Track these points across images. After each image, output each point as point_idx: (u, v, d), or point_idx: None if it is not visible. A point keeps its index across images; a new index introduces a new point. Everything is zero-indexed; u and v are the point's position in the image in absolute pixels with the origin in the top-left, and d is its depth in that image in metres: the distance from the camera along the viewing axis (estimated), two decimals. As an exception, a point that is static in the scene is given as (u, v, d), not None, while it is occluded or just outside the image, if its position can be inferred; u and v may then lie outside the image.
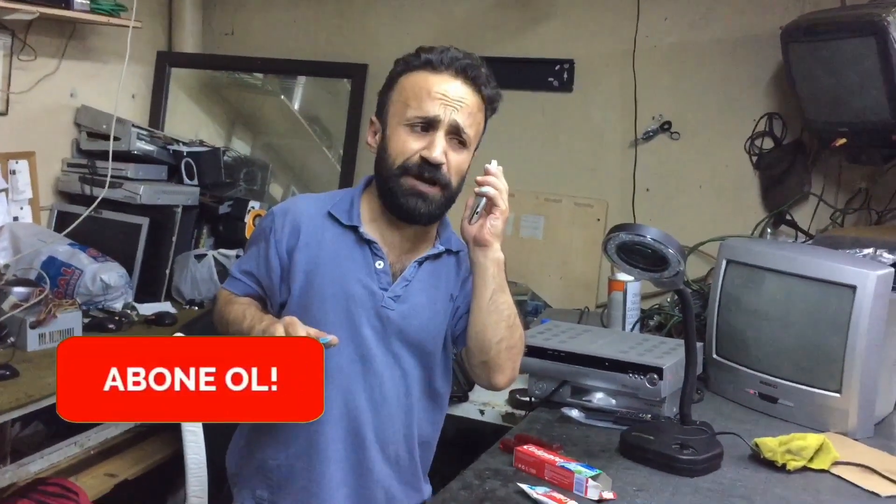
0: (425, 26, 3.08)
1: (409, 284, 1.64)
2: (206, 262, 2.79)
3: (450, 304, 1.69)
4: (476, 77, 1.61)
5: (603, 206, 2.96)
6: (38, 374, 2.03)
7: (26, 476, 2.08)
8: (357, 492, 1.64)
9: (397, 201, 1.60)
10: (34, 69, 2.76)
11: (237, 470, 1.75)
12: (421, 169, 1.57)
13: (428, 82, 1.59)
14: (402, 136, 1.59)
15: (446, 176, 1.59)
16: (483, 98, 1.63)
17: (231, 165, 3.17)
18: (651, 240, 1.58)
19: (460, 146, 1.60)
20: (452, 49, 1.62)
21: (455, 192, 1.63)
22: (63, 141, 2.94)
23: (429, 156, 1.56)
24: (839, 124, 2.38)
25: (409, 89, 1.60)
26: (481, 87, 1.62)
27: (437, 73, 1.59)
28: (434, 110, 1.56)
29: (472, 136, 1.62)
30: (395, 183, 1.59)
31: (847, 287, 1.86)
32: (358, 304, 1.61)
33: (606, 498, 1.51)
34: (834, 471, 1.68)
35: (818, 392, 1.92)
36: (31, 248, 2.58)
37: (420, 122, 1.58)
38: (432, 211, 1.61)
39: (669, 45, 2.82)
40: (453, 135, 1.58)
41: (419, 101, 1.58)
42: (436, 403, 1.73)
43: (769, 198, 2.73)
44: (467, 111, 1.59)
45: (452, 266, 1.71)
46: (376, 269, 1.63)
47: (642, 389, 1.89)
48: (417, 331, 1.64)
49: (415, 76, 1.61)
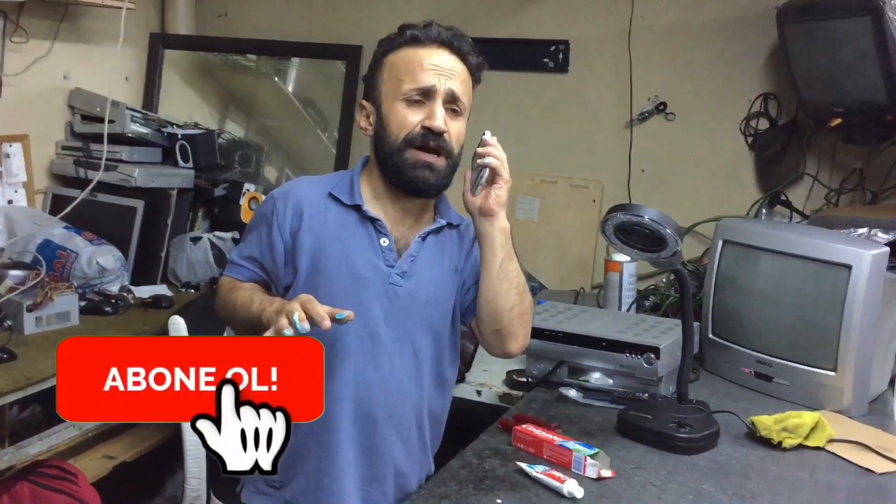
0: (419, 7, 3.06)
1: (415, 259, 1.64)
2: (201, 244, 2.78)
3: (455, 277, 1.69)
4: (461, 47, 1.62)
5: (598, 188, 2.96)
6: (35, 356, 2.03)
7: (25, 458, 2.08)
8: (368, 470, 1.65)
9: (405, 176, 1.60)
10: (27, 51, 2.74)
11: None
12: (425, 139, 1.58)
13: (418, 55, 1.59)
14: (401, 110, 1.59)
15: (450, 144, 1.59)
16: (470, 68, 1.64)
17: (226, 148, 3.15)
18: (649, 220, 1.59)
19: (457, 115, 1.61)
20: (434, 24, 1.63)
21: (457, 161, 1.64)
22: (57, 124, 2.93)
23: (431, 124, 1.57)
24: (834, 104, 2.38)
25: (400, 65, 1.60)
26: (467, 57, 1.63)
27: (425, 47, 1.60)
28: (429, 80, 1.57)
29: (466, 104, 1.63)
30: (399, 158, 1.59)
31: (842, 266, 1.87)
32: (366, 283, 1.61)
33: (605, 476, 1.53)
34: (829, 448, 1.70)
35: (813, 370, 1.93)
36: (27, 231, 2.57)
37: (416, 93, 1.58)
38: (440, 181, 1.61)
39: (665, 26, 2.82)
40: (450, 103, 1.59)
41: (412, 74, 1.58)
42: (445, 379, 1.73)
43: (764, 178, 2.74)
44: (459, 79, 1.60)
45: (455, 240, 1.72)
46: (381, 246, 1.63)
47: (639, 369, 1.90)
48: (426, 305, 1.65)
49: (402, 53, 1.61)
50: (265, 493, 1.71)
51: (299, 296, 1.45)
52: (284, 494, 1.68)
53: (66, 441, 2.23)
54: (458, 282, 1.70)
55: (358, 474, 1.65)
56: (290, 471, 1.66)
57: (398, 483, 1.69)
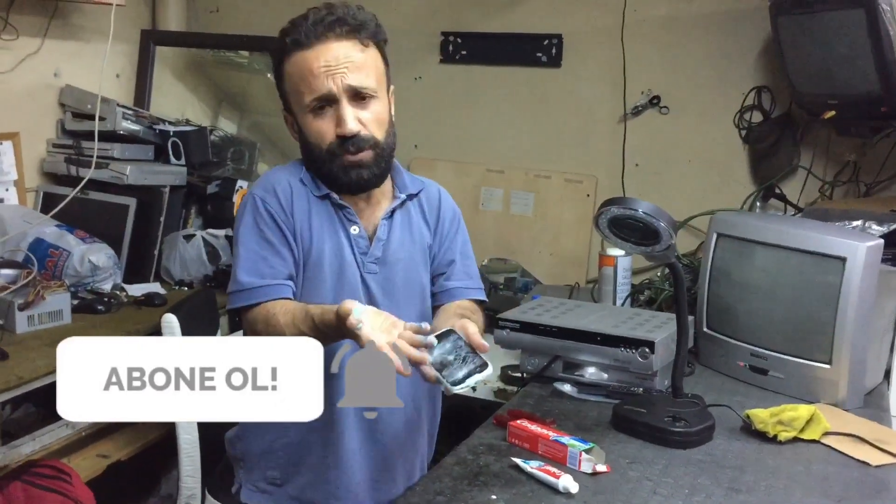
0: (412, 2, 3.05)
1: (386, 244, 1.65)
2: (194, 242, 2.77)
3: (427, 252, 1.72)
4: (344, 27, 1.57)
5: (592, 182, 2.96)
6: (27, 356, 2.02)
7: (18, 458, 2.07)
8: (375, 458, 1.66)
9: (341, 180, 1.60)
10: (17, 48, 2.72)
11: (242, 454, 1.74)
12: (343, 146, 1.57)
13: (306, 61, 1.56)
14: (311, 122, 1.59)
15: (370, 137, 1.58)
16: (364, 40, 1.59)
17: (218, 145, 3.14)
18: (643, 213, 1.58)
19: (368, 100, 1.58)
20: (311, 13, 1.58)
21: (388, 141, 1.63)
22: (47, 121, 2.91)
23: (342, 132, 1.56)
24: (828, 97, 2.38)
25: (295, 76, 1.59)
26: (356, 33, 1.58)
27: (310, 48, 1.56)
28: (324, 86, 1.55)
29: (375, 84, 1.59)
30: (328, 167, 1.60)
31: (837, 259, 1.87)
32: (350, 272, 1.62)
33: (600, 471, 1.52)
34: (825, 441, 1.69)
35: (808, 363, 1.93)
36: (18, 229, 2.56)
37: (317, 102, 1.57)
38: (376, 172, 1.62)
39: (658, 19, 2.81)
40: (355, 97, 1.57)
41: (307, 83, 1.56)
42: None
43: (758, 171, 2.74)
44: (356, 66, 1.56)
45: (418, 211, 1.73)
46: (353, 234, 1.64)
47: (634, 363, 1.90)
48: (404, 286, 1.66)
49: (292, 61, 1.59)
50: (267, 491, 1.70)
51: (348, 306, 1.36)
52: (288, 490, 1.68)
53: (60, 440, 2.22)
54: (431, 255, 1.72)
55: (365, 464, 1.65)
56: (293, 466, 1.66)
57: (405, 468, 1.70)
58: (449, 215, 1.78)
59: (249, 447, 1.72)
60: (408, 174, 1.75)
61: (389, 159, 1.65)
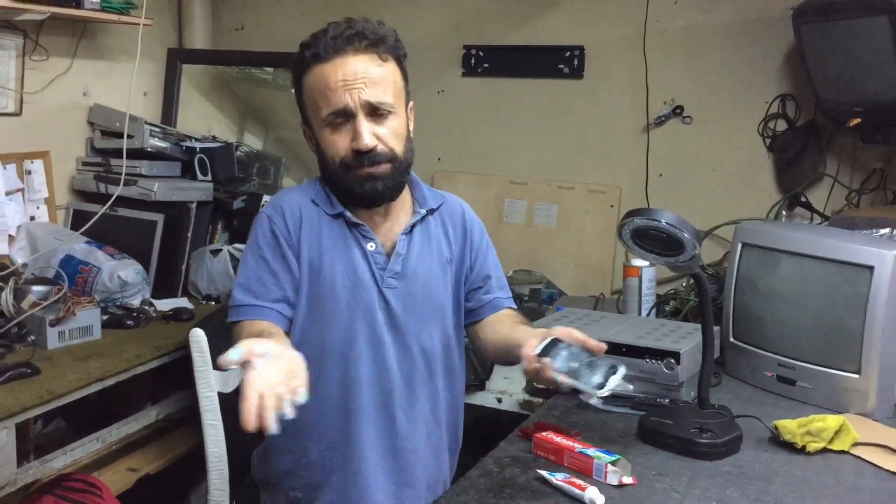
0: (434, 16, 3.08)
1: (405, 258, 1.66)
2: (221, 256, 2.80)
3: (448, 267, 1.71)
4: (363, 41, 1.57)
5: (616, 193, 2.96)
6: (58, 371, 2.04)
7: (50, 472, 2.10)
8: (397, 474, 1.66)
9: (356, 193, 1.61)
10: (47, 69, 2.77)
11: (265, 476, 1.75)
12: (359, 160, 1.58)
13: (324, 75, 1.56)
14: (328, 136, 1.59)
15: (386, 152, 1.59)
16: (382, 55, 1.59)
17: (244, 160, 3.18)
18: (666, 224, 1.58)
19: (385, 115, 1.58)
20: (330, 27, 1.59)
21: (406, 155, 1.63)
22: (77, 140, 2.96)
23: (358, 146, 1.56)
24: (853, 104, 2.36)
25: (313, 89, 1.59)
26: (374, 47, 1.58)
27: (328, 62, 1.56)
28: (341, 101, 1.55)
29: (392, 99, 1.59)
30: (344, 179, 1.61)
31: (864, 267, 1.85)
32: (364, 290, 1.62)
33: (626, 483, 1.51)
34: (854, 452, 1.68)
35: (837, 373, 1.91)
36: (49, 246, 2.60)
37: (334, 117, 1.57)
38: (392, 185, 1.62)
39: (680, 29, 2.81)
40: (372, 112, 1.57)
41: (324, 97, 1.56)
42: (455, 368, 1.74)
43: (783, 180, 2.72)
44: (373, 81, 1.56)
45: (439, 227, 1.73)
46: (369, 251, 1.64)
47: (660, 374, 1.89)
48: (424, 301, 1.66)
49: (311, 74, 1.59)
50: None
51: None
52: None
53: (90, 454, 2.25)
54: (452, 272, 1.72)
55: (388, 481, 1.65)
56: (316, 486, 1.67)
57: (429, 485, 1.70)
58: (477, 230, 1.79)
59: (272, 469, 1.73)
60: (428, 188, 1.75)
61: (405, 173, 1.65)
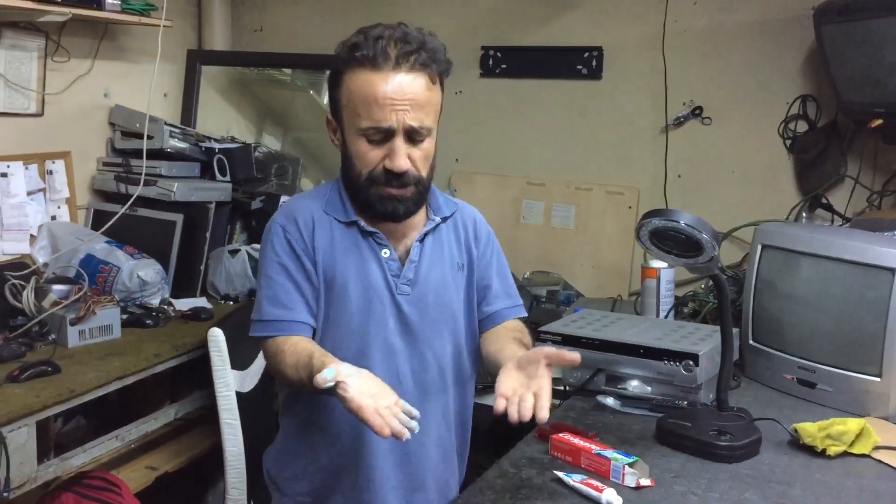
0: (452, 17, 3.08)
1: (418, 265, 1.65)
2: (239, 257, 2.81)
3: (460, 273, 1.71)
4: (417, 59, 1.53)
5: (634, 194, 2.94)
6: (79, 369, 2.06)
7: (70, 470, 2.12)
8: (407, 480, 1.66)
9: (375, 209, 1.60)
10: (68, 70, 2.80)
11: (276, 478, 1.75)
12: (388, 179, 1.56)
13: (372, 86, 1.51)
14: (361, 146, 1.56)
15: (416, 176, 1.57)
16: (433, 76, 1.56)
17: (262, 161, 3.19)
18: (684, 225, 1.57)
19: (420, 140, 1.56)
20: (385, 32, 1.54)
21: (429, 176, 1.62)
22: (98, 140, 2.98)
23: (391, 167, 1.54)
24: (875, 105, 2.34)
25: (356, 94, 1.53)
26: (427, 67, 1.55)
27: (379, 71, 1.51)
28: (386, 120, 1.51)
29: (432, 123, 1.58)
30: (366, 193, 1.59)
31: (886, 270, 1.83)
32: (378, 297, 1.62)
33: (644, 485, 1.51)
34: (875, 455, 1.66)
35: (857, 376, 1.89)
36: (69, 246, 2.62)
37: (374, 132, 1.54)
38: (410, 208, 1.61)
39: (699, 29, 2.80)
40: (410, 137, 1.55)
41: (368, 109, 1.52)
42: (466, 374, 1.74)
43: (804, 181, 2.70)
44: (419, 104, 1.53)
45: (451, 233, 1.72)
46: (383, 258, 1.64)
47: (678, 376, 1.88)
48: (436, 308, 1.66)
49: (358, 76, 1.53)
50: None
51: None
52: None
53: (110, 452, 2.26)
54: (464, 278, 1.71)
55: (399, 486, 1.65)
56: (327, 491, 1.67)
57: (440, 489, 1.69)
58: (483, 239, 1.77)
59: (283, 472, 1.73)
60: (442, 196, 1.74)
61: (426, 194, 1.65)
